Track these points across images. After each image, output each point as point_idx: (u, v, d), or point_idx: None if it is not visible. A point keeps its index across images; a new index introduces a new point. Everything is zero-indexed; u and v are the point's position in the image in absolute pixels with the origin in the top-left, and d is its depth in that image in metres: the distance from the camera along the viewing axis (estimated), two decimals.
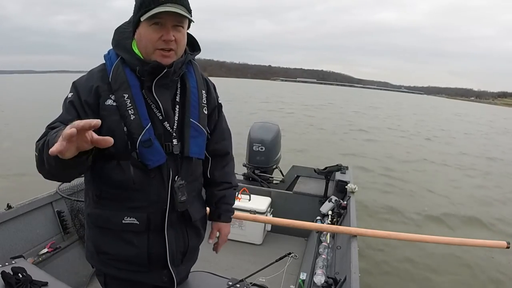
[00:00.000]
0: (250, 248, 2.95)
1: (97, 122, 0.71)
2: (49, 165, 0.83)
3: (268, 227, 3.13)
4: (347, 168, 3.39)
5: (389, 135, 14.22)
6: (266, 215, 2.96)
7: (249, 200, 3.03)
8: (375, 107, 30.59)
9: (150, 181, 1.03)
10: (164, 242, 1.08)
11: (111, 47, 1.06)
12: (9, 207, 2.03)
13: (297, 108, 24.00)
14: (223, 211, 1.29)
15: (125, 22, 1.05)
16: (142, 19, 0.94)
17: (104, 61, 1.05)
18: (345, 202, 2.81)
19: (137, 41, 1.00)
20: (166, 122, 1.04)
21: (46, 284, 1.27)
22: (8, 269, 1.30)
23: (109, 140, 0.75)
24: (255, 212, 2.88)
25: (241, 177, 3.90)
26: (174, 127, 1.05)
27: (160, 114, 1.03)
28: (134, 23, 0.99)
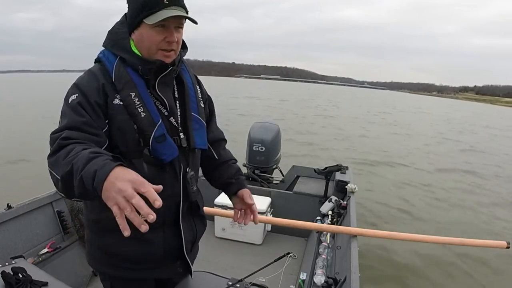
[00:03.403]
0: (250, 248, 2.95)
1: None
2: (83, 193, 0.78)
3: (268, 227, 3.13)
4: (347, 168, 3.40)
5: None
6: (266, 215, 2.96)
7: None
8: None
9: (164, 176, 1.05)
10: (178, 234, 1.11)
11: (100, 49, 1.06)
12: (9, 207, 2.03)
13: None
14: (242, 180, 1.30)
15: (117, 23, 1.06)
16: (148, 22, 0.95)
17: (91, 65, 1.05)
18: (345, 202, 2.81)
19: (136, 41, 1.01)
20: (171, 118, 1.07)
21: (46, 284, 1.27)
22: (8, 269, 1.30)
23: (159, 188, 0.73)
24: None
25: None
26: (179, 121, 1.09)
27: (165, 110, 1.06)
28: (133, 23, 0.99)
